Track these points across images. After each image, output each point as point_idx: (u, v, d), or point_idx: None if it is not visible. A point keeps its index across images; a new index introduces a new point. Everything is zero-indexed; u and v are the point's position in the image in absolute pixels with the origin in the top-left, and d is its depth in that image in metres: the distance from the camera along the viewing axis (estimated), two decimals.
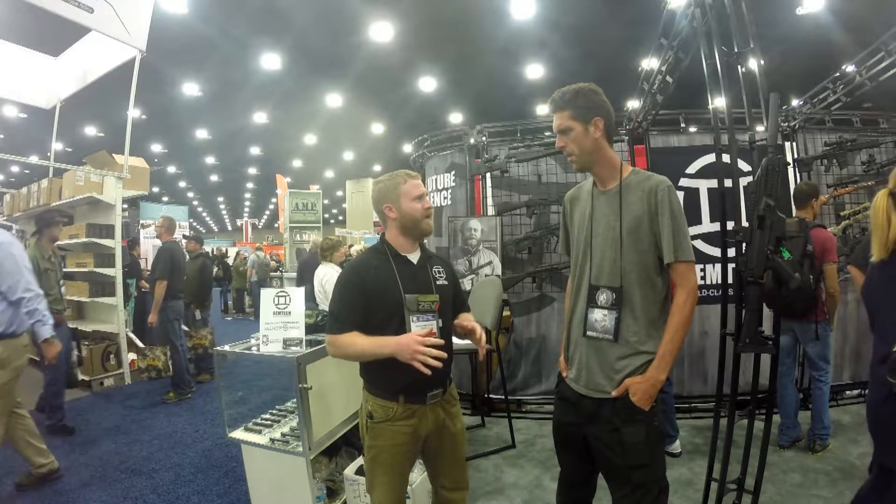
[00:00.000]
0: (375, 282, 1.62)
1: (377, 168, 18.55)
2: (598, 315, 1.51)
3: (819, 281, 2.96)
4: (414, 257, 1.72)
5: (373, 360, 1.58)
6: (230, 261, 13.12)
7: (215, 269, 10.64)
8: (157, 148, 15.18)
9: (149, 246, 9.88)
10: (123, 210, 5.85)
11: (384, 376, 1.62)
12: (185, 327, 5.37)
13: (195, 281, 5.62)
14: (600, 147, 1.53)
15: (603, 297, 1.50)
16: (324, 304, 3.99)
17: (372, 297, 1.60)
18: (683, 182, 4.01)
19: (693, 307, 1.46)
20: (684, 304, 1.45)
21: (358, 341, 1.56)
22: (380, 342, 1.53)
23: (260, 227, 37.36)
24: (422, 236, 1.74)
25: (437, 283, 1.71)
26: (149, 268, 8.13)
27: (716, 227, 3.66)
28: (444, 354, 1.49)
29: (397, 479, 1.66)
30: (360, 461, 2.41)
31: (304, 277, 5.97)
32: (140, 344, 4.72)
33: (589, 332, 1.52)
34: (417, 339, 1.47)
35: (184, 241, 6.04)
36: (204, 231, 42.96)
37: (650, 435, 1.44)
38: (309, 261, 6.46)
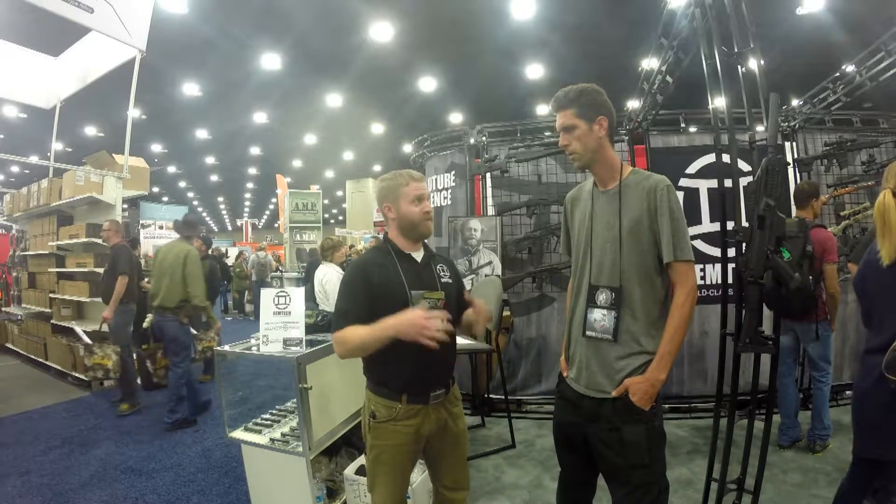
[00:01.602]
0: (380, 279, 1.61)
1: (377, 168, 18.54)
2: (597, 315, 1.51)
3: (819, 281, 2.96)
4: (417, 255, 1.72)
5: (377, 353, 1.53)
6: (229, 261, 13.08)
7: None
8: (157, 148, 15.18)
9: (149, 246, 9.88)
10: (123, 210, 5.84)
11: (387, 375, 1.62)
12: (193, 331, 5.22)
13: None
14: (603, 146, 1.53)
15: (602, 296, 1.50)
16: (324, 305, 3.99)
17: (377, 294, 1.59)
18: (683, 182, 4.01)
19: (692, 307, 1.46)
20: (683, 303, 1.45)
21: (358, 331, 1.51)
22: (380, 325, 1.47)
23: (260, 227, 37.35)
24: (421, 238, 1.73)
25: (442, 280, 1.71)
26: (150, 267, 8.15)
27: (716, 227, 3.66)
28: (450, 327, 1.46)
29: (399, 478, 1.66)
30: (360, 461, 2.42)
31: (310, 278, 5.98)
32: (87, 340, 4.29)
33: (588, 332, 1.52)
34: (422, 314, 1.42)
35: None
36: (203, 231, 42.88)
37: (650, 435, 1.44)
38: (314, 261, 6.45)
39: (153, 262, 4.43)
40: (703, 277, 3.97)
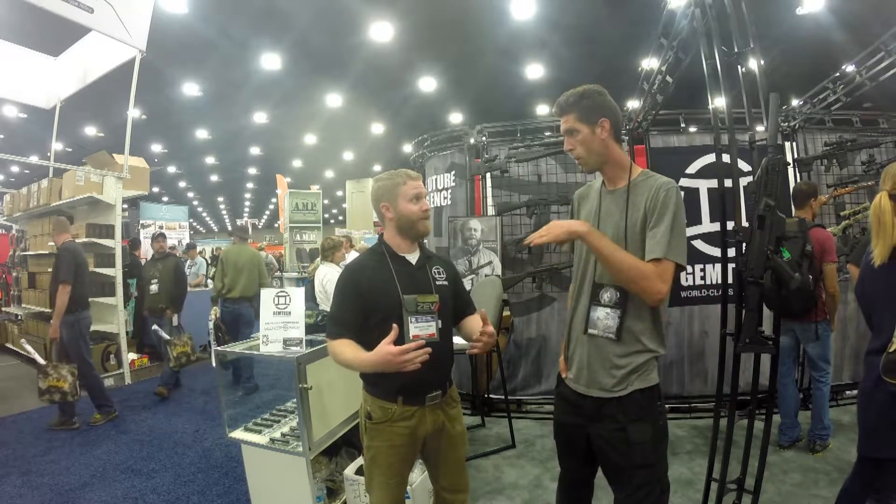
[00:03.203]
0: (372, 283, 1.62)
1: (377, 168, 18.55)
2: (600, 313, 1.50)
3: (818, 281, 2.96)
4: (412, 257, 1.72)
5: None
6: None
7: (213, 270, 10.52)
8: (157, 148, 15.18)
9: (149, 246, 9.89)
10: (123, 210, 5.84)
11: (383, 377, 1.61)
12: (166, 335, 4.90)
13: (170, 282, 5.20)
14: (608, 148, 1.52)
15: (607, 295, 1.50)
16: (324, 304, 4.00)
17: (369, 298, 1.60)
18: (683, 182, 4.01)
19: (645, 287, 1.37)
20: (648, 276, 1.36)
21: (346, 351, 1.55)
22: (361, 359, 1.51)
23: (260, 227, 37.36)
24: (419, 237, 1.74)
25: (437, 283, 1.70)
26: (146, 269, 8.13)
27: (716, 227, 3.66)
28: (428, 350, 1.44)
29: (395, 479, 1.66)
30: (360, 461, 2.41)
31: None
32: (41, 360, 3.86)
33: (591, 330, 1.52)
34: (394, 352, 1.41)
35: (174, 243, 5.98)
36: (204, 231, 42.88)
37: (656, 434, 1.44)
38: None
39: (224, 262, 5.08)
40: (703, 277, 3.96)
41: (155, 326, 5.01)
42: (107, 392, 4.27)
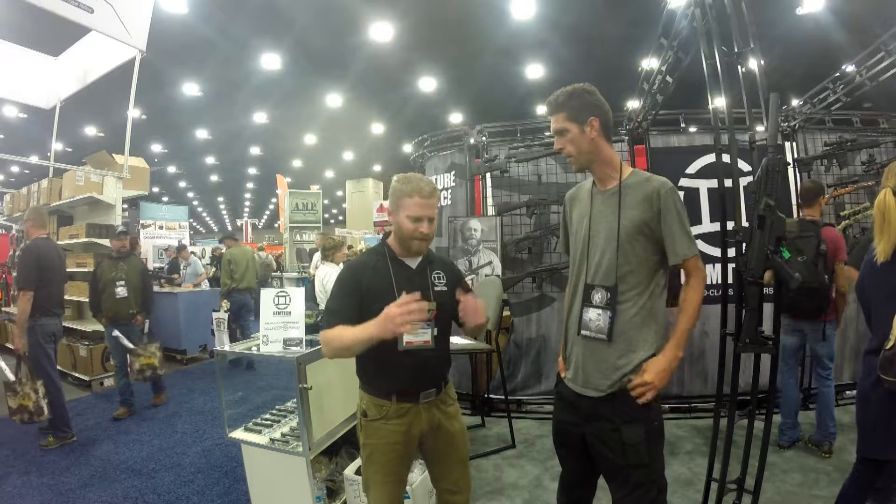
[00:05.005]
0: (371, 283, 1.62)
1: (377, 168, 18.56)
2: (592, 314, 1.51)
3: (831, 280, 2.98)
4: (413, 262, 1.70)
5: (367, 354, 1.53)
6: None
7: (213, 270, 10.45)
8: (157, 148, 15.18)
9: (149, 246, 9.86)
10: (123, 210, 5.85)
11: (378, 375, 1.63)
12: (130, 345, 4.40)
13: (139, 285, 4.58)
14: (598, 147, 1.52)
15: (598, 296, 1.50)
16: (324, 304, 4.00)
17: (366, 298, 1.60)
18: (683, 182, 4.01)
19: (703, 291, 1.52)
20: (698, 286, 1.50)
21: (344, 333, 1.51)
22: (361, 327, 1.47)
23: (260, 227, 37.33)
24: (412, 254, 1.69)
25: (436, 289, 1.68)
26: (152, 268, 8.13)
27: (716, 227, 3.66)
28: (425, 305, 1.40)
29: (392, 478, 1.65)
30: (360, 461, 2.41)
31: None
32: (11, 376, 3.52)
33: (584, 332, 1.52)
34: (394, 305, 1.38)
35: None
36: (204, 231, 42.86)
37: (650, 435, 1.44)
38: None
39: (232, 261, 6.13)
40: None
41: (116, 332, 4.36)
42: (67, 414, 3.75)
